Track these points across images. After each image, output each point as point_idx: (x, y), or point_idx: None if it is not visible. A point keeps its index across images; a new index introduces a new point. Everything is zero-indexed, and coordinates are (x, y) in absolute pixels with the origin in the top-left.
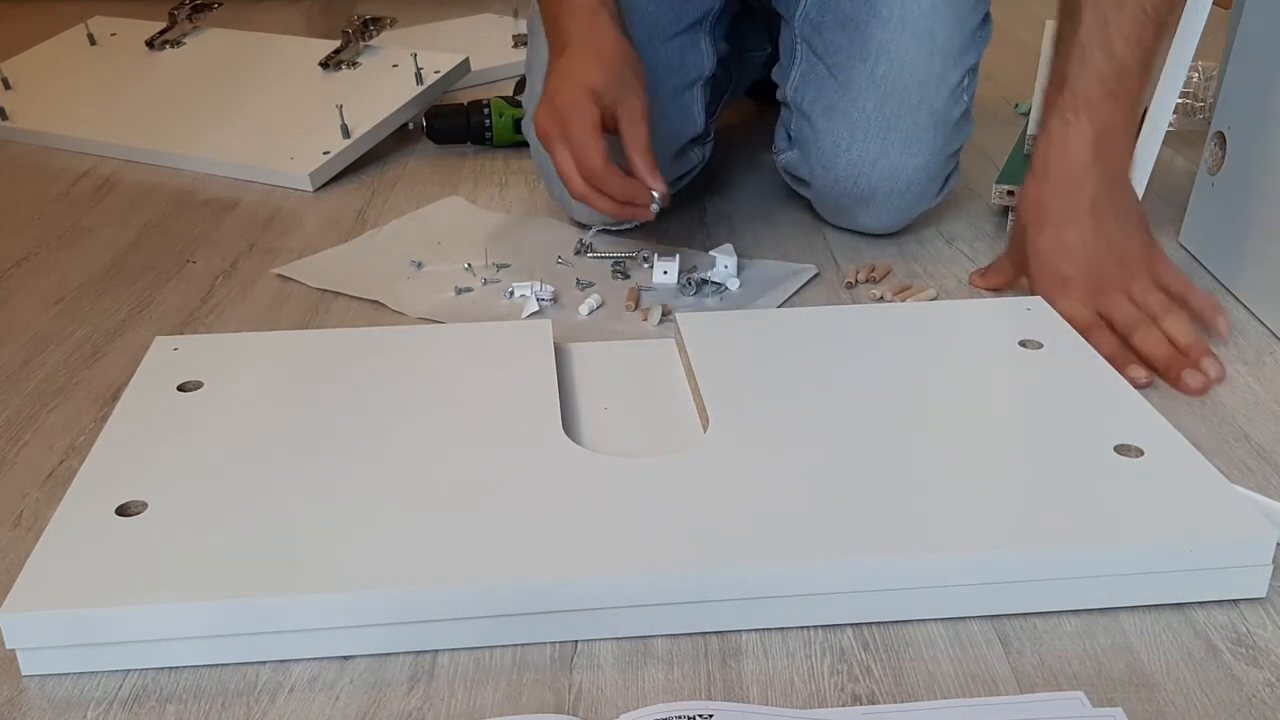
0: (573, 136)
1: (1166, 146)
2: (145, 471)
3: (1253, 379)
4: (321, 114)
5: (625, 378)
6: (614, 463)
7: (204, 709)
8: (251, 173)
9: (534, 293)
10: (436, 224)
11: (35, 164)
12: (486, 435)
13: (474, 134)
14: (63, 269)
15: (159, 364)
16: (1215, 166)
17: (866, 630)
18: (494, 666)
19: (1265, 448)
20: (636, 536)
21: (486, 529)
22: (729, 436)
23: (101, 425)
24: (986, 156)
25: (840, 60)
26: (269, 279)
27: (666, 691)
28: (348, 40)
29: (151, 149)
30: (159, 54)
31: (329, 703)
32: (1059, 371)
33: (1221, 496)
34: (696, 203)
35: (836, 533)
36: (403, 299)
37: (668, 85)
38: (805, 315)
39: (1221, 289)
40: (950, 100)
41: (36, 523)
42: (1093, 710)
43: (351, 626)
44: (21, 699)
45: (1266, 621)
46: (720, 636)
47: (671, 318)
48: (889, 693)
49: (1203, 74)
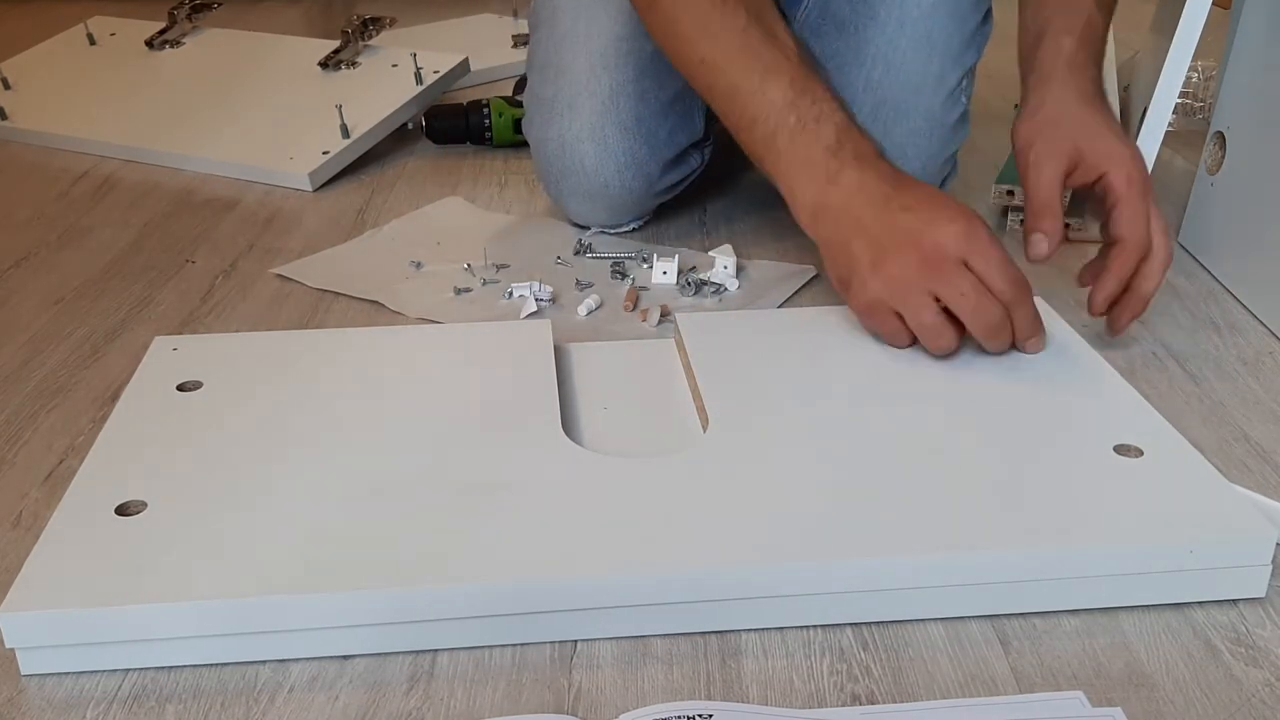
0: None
1: (1166, 146)
2: (145, 471)
3: (1253, 379)
4: (321, 114)
5: (625, 378)
6: (614, 463)
7: (204, 709)
8: (251, 173)
9: (533, 293)
10: (436, 224)
11: (35, 164)
12: (486, 435)
13: (473, 134)
14: (63, 269)
15: (158, 364)
16: (1215, 166)
17: (866, 630)
18: (494, 666)
19: (1265, 448)
20: (636, 536)
21: (486, 529)
22: (729, 436)
23: (101, 425)
24: (986, 156)
25: (836, 65)
26: (269, 279)
27: (666, 691)
28: (347, 40)
29: (151, 149)
30: (159, 54)
31: (329, 702)
32: (1059, 371)
33: (1221, 496)
34: (696, 203)
35: (836, 533)
36: (402, 299)
37: (669, 89)
38: (805, 315)
39: (1221, 289)
40: (948, 103)
41: (36, 523)
42: (1092, 710)
43: (351, 626)
44: (21, 699)
45: (1266, 621)
46: (720, 636)
47: (671, 318)
48: (888, 693)
49: (1203, 74)
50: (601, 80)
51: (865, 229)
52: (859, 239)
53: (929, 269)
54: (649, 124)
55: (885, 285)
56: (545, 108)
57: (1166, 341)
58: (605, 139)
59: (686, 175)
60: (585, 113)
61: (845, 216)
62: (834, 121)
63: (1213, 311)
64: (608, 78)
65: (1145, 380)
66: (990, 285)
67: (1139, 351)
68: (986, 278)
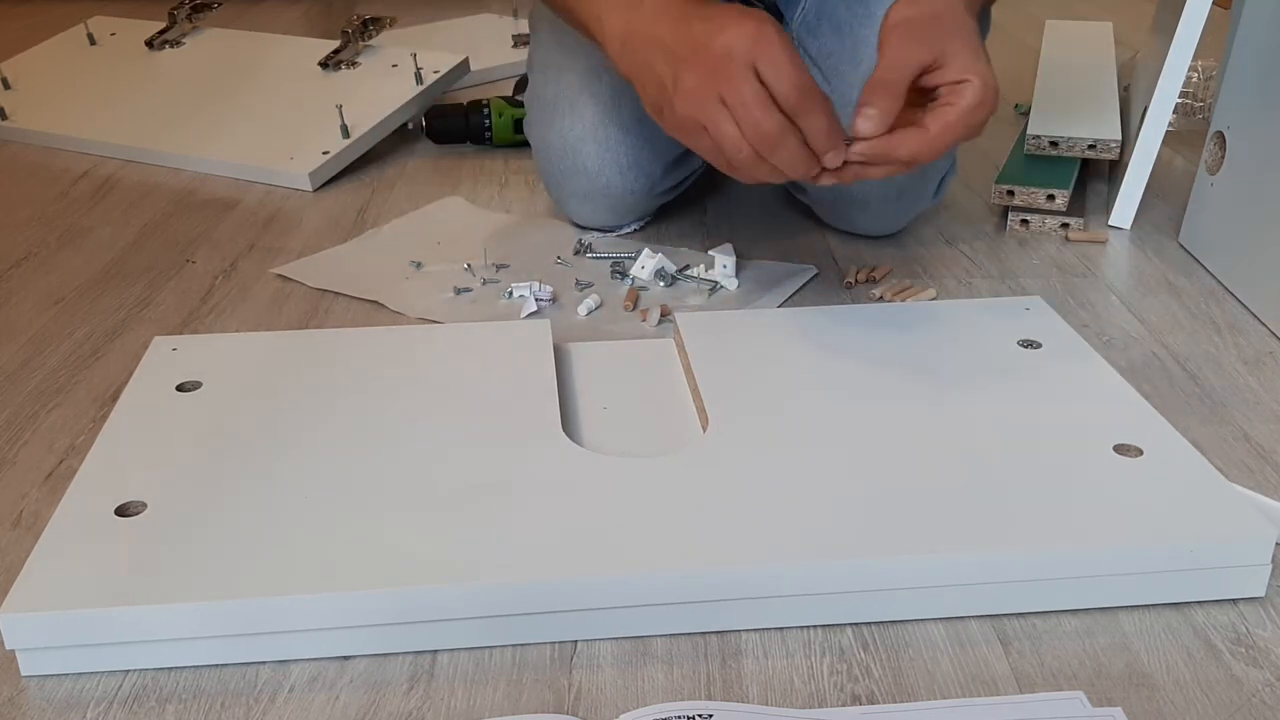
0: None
1: (1166, 146)
2: (144, 472)
3: (1253, 379)
4: (321, 114)
5: (624, 378)
6: (614, 463)
7: (204, 709)
8: (251, 173)
9: (533, 293)
10: (436, 224)
11: (35, 164)
12: (486, 435)
13: (473, 134)
14: (63, 269)
15: (158, 364)
16: (1215, 166)
17: (866, 630)
18: (494, 666)
19: (1265, 448)
20: (636, 536)
21: (486, 529)
22: (728, 436)
23: (101, 425)
24: (986, 156)
25: (833, 64)
26: (269, 279)
27: (666, 691)
28: (347, 40)
29: (151, 149)
30: (159, 54)
31: (329, 703)
32: (1058, 371)
33: (1221, 496)
34: (697, 203)
35: (836, 533)
36: (402, 299)
37: None
38: (805, 315)
39: (1221, 289)
40: None
41: (36, 523)
42: (1092, 710)
43: (351, 627)
44: (21, 699)
45: (1266, 621)
46: (720, 636)
47: (670, 318)
48: (888, 693)
49: (1202, 74)
50: (603, 81)
51: (666, 47)
52: (661, 59)
53: (718, 75)
54: (651, 125)
55: (685, 99)
56: (547, 108)
57: (1166, 341)
58: (607, 140)
59: (687, 175)
60: (587, 114)
61: (649, 40)
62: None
63: (1213, 311)
64: (609, 78)
65: (1145, 380)
66: (774, 91)
67: (1139, 352)
68: (771, 83)
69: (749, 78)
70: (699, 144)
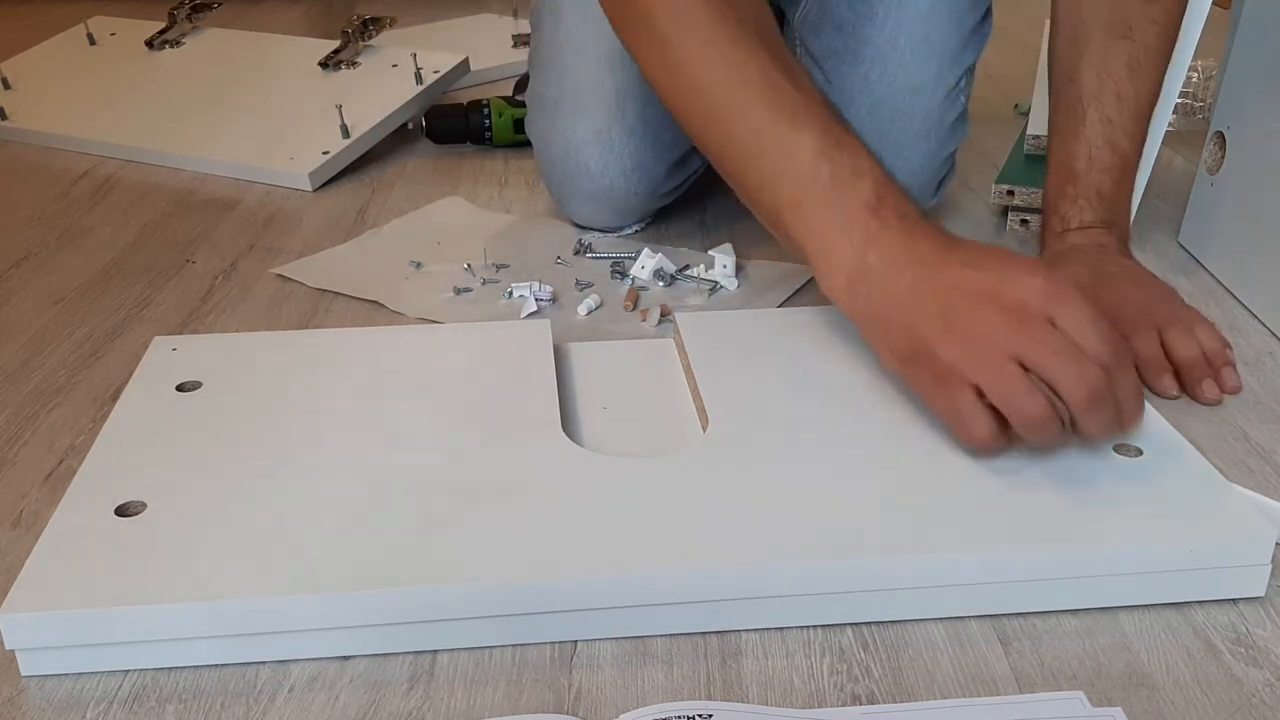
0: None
1: (1166, 146)
2: (144, 471)
3: (1253, 379)
4: (321, 114)
5: (624, 378)
6: (614, 463)
7: (204, 709)
8: (251, 173)
9: (533, 293)
10: (436, 224)
11: (35, 164)
12: (486, 435)
13: (473, 134)
14: (63, 269)
15: (158, 364)
16: (1215, 166)
17: (866, 630)
18: (494, 666)
19: (1265, 448)
20: (636, 536)
21: (486, 529)
22: (728, 436)
23: (101, 425)
24: (986, 156)
25: (834, 64)
26: (269, 279)
27: (666, 691)
28: (347, 40)
29: (151, 149)
30: (159, 54)
31: (329, 703)
32: None
33: (1221, 496)
34: (697, 203)
35: (836, 533)
36: (402, 299)
37: None
38: (805, 315)
39: (1221, 289)
40: (945, 104)
41: (36, 523)
42: (1092, 710)
43: (351, 626)
44: (21, 699)
45: (1266, 621)
46: (720, 636)
47: (670, 318)
48: (888, 693)
49: (1203, 74)
50: (606, 83)
51: (923, 294)
52: (918, 305)
53: (1013, 326)
54: (655, 126)
55: (962, 348)
56: (549, 108)
57: None
58: (611, 142)
59: (689, 176)
60: (591, 116)
61: (895, 282)
62: (872, 176)
63: (1213, 311)
64: (612, 80)
65: None
66: (1085, 347)
67: None
68: (1080, 337)
69: (1055, 331)
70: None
